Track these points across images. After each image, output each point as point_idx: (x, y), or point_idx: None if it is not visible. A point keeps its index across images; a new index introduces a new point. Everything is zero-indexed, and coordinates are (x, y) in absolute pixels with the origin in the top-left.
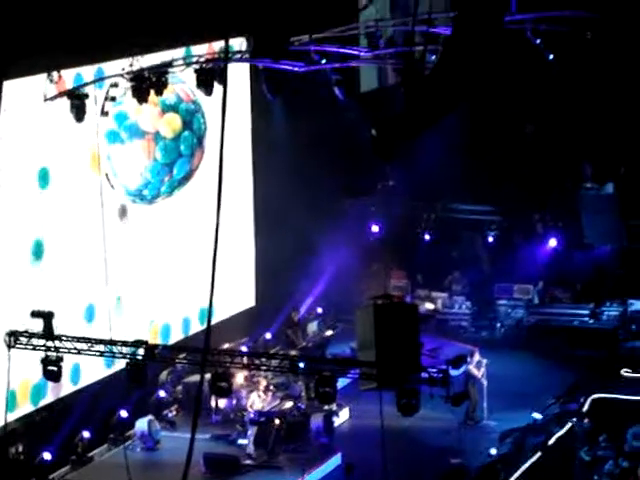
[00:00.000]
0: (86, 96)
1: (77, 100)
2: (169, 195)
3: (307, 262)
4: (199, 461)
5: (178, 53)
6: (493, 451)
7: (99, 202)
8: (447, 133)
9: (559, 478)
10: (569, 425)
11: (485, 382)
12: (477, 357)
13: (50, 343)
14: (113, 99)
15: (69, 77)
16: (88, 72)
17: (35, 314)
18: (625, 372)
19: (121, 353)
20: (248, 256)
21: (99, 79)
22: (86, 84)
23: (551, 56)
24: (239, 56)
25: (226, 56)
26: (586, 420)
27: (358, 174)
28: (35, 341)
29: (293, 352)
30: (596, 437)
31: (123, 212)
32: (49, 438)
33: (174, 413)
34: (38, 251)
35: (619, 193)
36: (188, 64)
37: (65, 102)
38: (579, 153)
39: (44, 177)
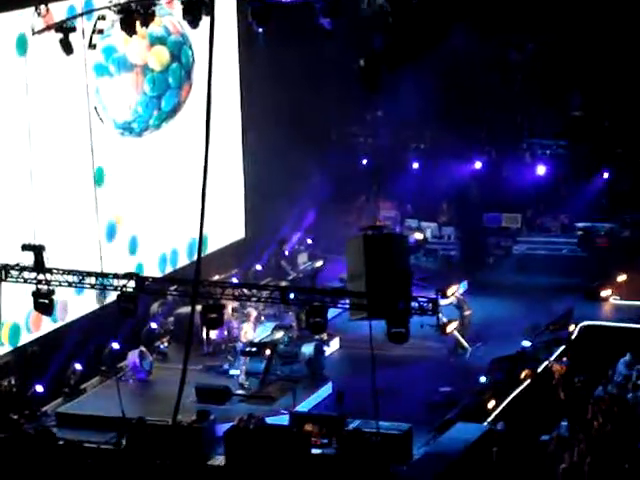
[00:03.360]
0: (73, 29)
1: (64, 33)
2: (157, 128)
3: (296, 194)
4: (191, 392)
5: None
6: (483, 379)
7: (88, 136)
8: (434, 63)
9: (548, 405)
10: (559, 351)
11: (469, 311)
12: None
13: (41, 276)
14: (101, 32)
15: (61, 9)
16: (77, 4)
17: (26, 247)
18: (614, 299)
19: (112, 285)
20: (237, 188)
21: (85, 12)
22: (72, 17)
23: None
24: None
25: None
26: (564, 359)
27: (346, 104)
28: (26, 274)
29: (283, 283)
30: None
31: None
32: (41, 371)
33: (165, 344)
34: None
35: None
36: None
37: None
38: (568, 81)
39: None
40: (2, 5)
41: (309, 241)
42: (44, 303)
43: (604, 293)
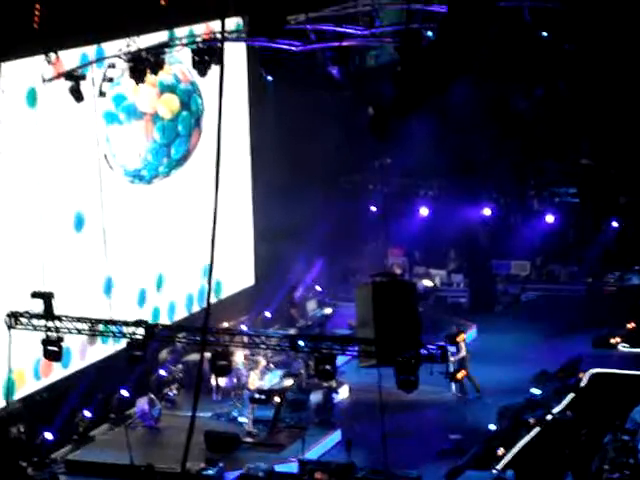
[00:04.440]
0: (84, 77)
1: (75, 81)
2: (167, 175)
3: (305, 240)
4: (200, 439)
5: (177, 33)
6: (492, 427)
7: (98, 183)
8: (443, 110)
9: (558, 454)
10: (568, 399)
11: (467, 354)
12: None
13: (50, 323)
14: (111, 80)
15: (72, 57)
16: (89, 52)
17: (35, 295)
18: (623, 347)
19: (121, 332)
20: (247, 235)
21: (96, 60)
22: (83, 65)
23: (544, 33)
24: (235, 36)
25: (222, 36)
26: (568, 412)
27: (355, 152)
28: (35, 321)
29: (292, 330)
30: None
31: None
32: (50, 418)
33: (174, 392)
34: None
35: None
36: (185, 44)
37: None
38: (576, 129)
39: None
40: (13, 53)
41: (318, 288)
42: (53, 351)
43: (613, 341)
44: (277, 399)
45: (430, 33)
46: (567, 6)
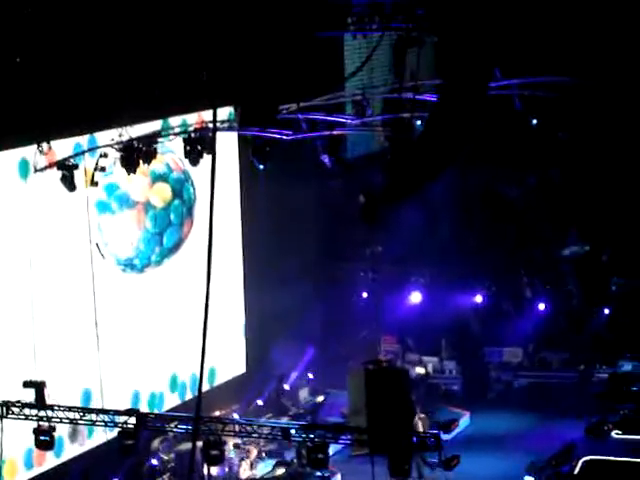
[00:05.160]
0: (76, 167)
1: (67, 171)
2: (159, 264)
3: (297, 328)
4: None
5: (169, 122)
6: None
7: (90, 272)
8: (434, 197)
9: None
10: None
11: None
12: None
13: (42, 413)
14: (103, 169)
15: (67, 146)
16: (82, 141)
17: (27, 384)
18: (616, 434)
19: (113, 422)
20: (238, 323)
21: (88, 150)
22: (74, 155)
23: (535, 121)
24: (227, 125)
25: (214, 126)
26: None
27: (345, 239)
28: (27, 411)
29: (285, 418)
30: None
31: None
32: None
33: None
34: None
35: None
36: (177, 134)
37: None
38: (565, 217)
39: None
40: (3, 142)
41: (310, 375)
42: (45, 440)
43: (605, 427)
44: None
45: (419, 122)
46: (557, 94)
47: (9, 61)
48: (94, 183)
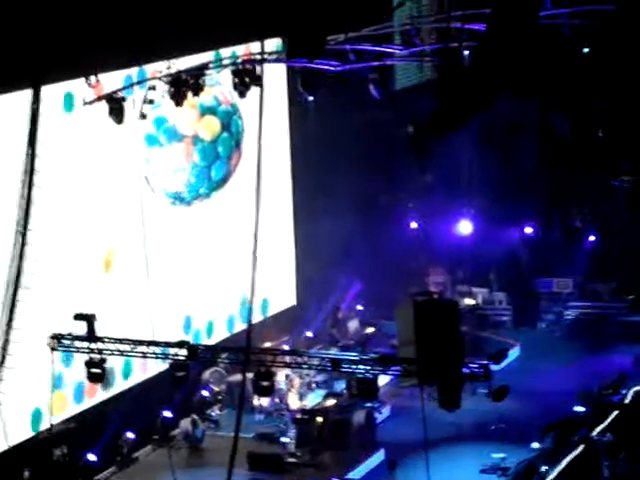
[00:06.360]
0: (124, 99)
1: (115, 104)
2: (207, 197)
3: (346, 260)
4: (243, 460)
5: (217, 55)
6: (535, 445)
7: (139, 205)
8: (484, 128)
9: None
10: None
11: None
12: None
13: (93, 345)
14: (151, 102)
15: (114, 79)
16: (132, 73)
17: (78, 317)
18: None
19: (164, 354)
20: (288, 255)
21: (136, 82)
22: (123, 88)
23: (586, 50)
24: (275, 57)
25: (262, 57)
26: (608, 434)
27: (394, 171)
28: (78, 343)
29: (334, 349)
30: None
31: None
32: (94, 440)
33: (217, 412)
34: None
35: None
36: (225, 66)
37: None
38: (615, 147)
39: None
40: (53, 76)
41: (359, 307)
42: (96, 373)
43: None
44: (320, 419)
45: (467, 52)
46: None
47: None
48: (143, 116)
